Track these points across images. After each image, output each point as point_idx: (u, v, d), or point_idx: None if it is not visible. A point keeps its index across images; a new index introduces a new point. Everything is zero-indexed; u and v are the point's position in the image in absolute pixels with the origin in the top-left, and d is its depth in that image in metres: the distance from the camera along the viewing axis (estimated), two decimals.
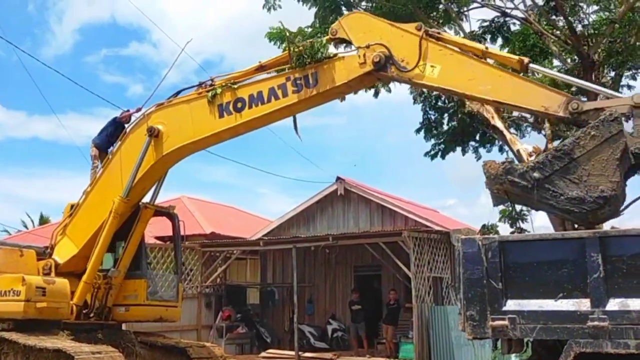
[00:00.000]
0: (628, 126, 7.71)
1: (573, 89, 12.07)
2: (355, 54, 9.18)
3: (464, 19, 14.67)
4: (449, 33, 9.99)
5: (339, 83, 9.33)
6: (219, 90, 10.09)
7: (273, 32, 14.35)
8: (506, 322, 7.37)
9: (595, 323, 6.93)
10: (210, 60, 65.96)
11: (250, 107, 9.90)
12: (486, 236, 7.83)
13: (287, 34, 10.65)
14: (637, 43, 12.96)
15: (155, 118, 10.78)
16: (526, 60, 8.71)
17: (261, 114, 9.88)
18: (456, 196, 68.21)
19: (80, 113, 63.57)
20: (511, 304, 7.43)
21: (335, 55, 9.40)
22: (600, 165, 7.39)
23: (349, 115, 68.46)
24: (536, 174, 7.55)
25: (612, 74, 13.52)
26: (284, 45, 12.09)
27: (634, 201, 11.97)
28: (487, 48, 9.35)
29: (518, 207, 13.15)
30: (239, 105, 9.99)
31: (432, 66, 8.63)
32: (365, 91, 16.02)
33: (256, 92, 9.88)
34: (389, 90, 16.06)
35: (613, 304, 6.93)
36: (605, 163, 7.38)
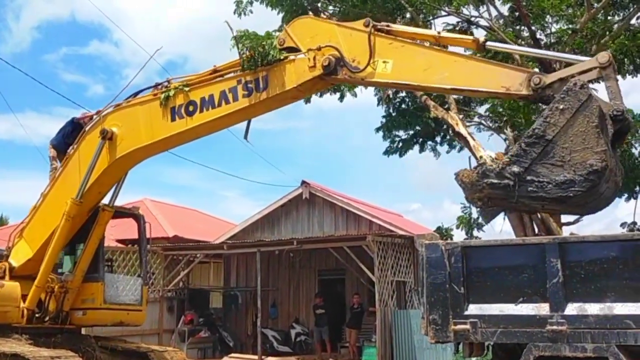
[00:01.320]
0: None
1: None
2: (305, 57, 8.82)
3: (430, 26, 14.84)
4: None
5: (289, 87, 8.94)
6: (171, 93, 9.71)
7: (240, 34, 14.25)
8: (468, 326, 7.49)
9: (554, 327, 7.09)
10: (174, 61, 65.30)
11: (201, 111, 9.53)
12: (449, 241, 7.95)
13: (234, 34, 10.25)
14: (599, 53, 13.28)
15: (110, 120, 10.44)
16: (482, 39, 8.30)
17: (212, 119, 9.50)
18: (420, 200, 68.91)
19: (38, 112, 62.27)
20: (473, 308, 7.55)
21: (286, 57, 8.97)
22: (580, 138, 6.79)
23: (314, 118, 68.55)
24: (515, 168, 6.99)
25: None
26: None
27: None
28: (439, 33, 9.10)
29: (475, 215, 13.35)
30: (191, 108, 9.61)
31: (384, 62, 8.22)
32: (331, 94, 16.08)
33: (208, 95, 9.50)
34: (355, 95, 16.14)
35: (571, 309, 7.10)
36: (584, 135, 6.79)
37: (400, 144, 16.17)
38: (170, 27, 61.49)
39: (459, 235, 13.90)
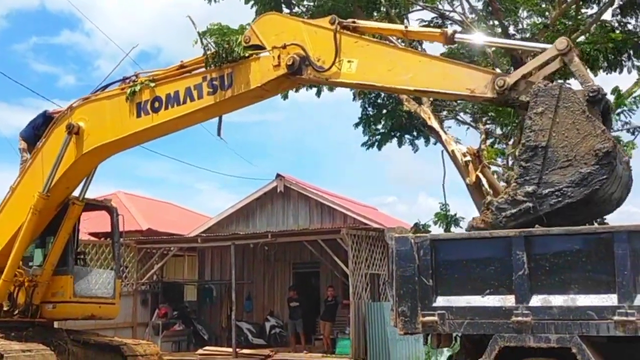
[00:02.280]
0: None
1: None
2: (270, 55, 8.59)
3: (405, 20, 14.93)
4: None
5: (254, 86, 8.71)
6: (137, 88, 9.50)
7: (213, 28, 14.21)
8: (436, 318, 7.61)
9: (519, 318, 7.23)
10: (148, 52, 64.45)
11: (166, 107, 9.31)
12: (418, 235, 8.05)
13: (196, 29, 9.73)
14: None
15: (78, 114, 10.25)
16: (450, 31, 8.18)
17: (177, 116, 9.28)
18: (395, 194, 69.27)
19: (9, 103, 61.03)
20: (441, 300, 7.67)
21: (251, 55, 8.73)
22: (574, 131, 6.79)
23: (290, 111, 68.48)
24: (527, 188, 6.96)
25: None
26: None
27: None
28: (407, 27, 9.04)
29: (453, 211, 13.52)
30: (156, 104, 9.39)
31: (349, 61, 8.05)
32: (307, 90, 16.09)
33: (173, 92, 9.27)
34: (331, 89, 16.17)
35: (536, 300, 7.25)
36: (576, 125, 6.79)
37: (379, 136, 16.27)
38: (144, 17, 60.80)
39: (437, 232, 14.00)
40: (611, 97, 12.26)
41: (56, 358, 10.07)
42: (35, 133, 11.28)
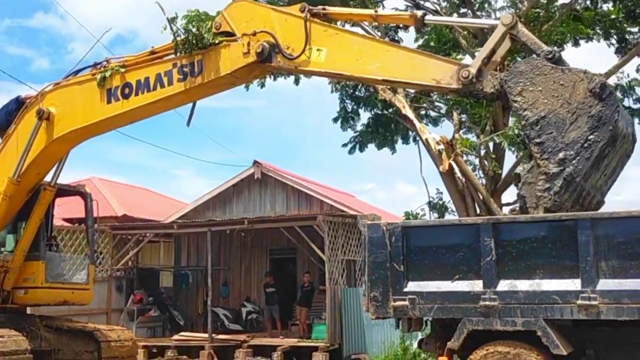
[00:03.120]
0: None
1: None
2: (240, 43, 8.55)
3: (380, 8, 14.94)
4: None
5: (224, 73, 8.65)
6: (108, 73, 9.39)
7: (191, 15, 14.04)
8: (407, 303, 7.77)
9: (487, 303, 7.42)
10: (123, 36, 63.55)
11: (136, 94, 9.22)
12: (390, 222, 8.20)
13: (165, 15, 9.46)
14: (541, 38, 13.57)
15: (49, 99, 10.12)
16: (419, 14, 8.22)
17: (147, 102, 9.21)
18: (374, 181, 69.54)
19: None
20: (412, 286, 7.83)
21: (222, 42, 8.67)
22: (560, 87, 6.92)
23: (268, 98, 68.20)
24: (556, 157, 6.91)
25: None
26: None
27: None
28: (376, 11, 9.06)
29: (447, 198, 13.62)
30: (127, 91, 9.30)
31: (318, 50, 8.07)
32: (285, 78, 16.05)
33: (143, 78, 9.18)
34: (307, 77, 16.15)
35: (503, 285, 7.45)
36: (559, 82, 6.95)
37: (360, 138, 16.16)
38: (119, 0, 59.92)
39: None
40: None
41: (29, 344, 10.05)
42: (7, 119, 11.15)
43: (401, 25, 14.41)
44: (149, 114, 9.75)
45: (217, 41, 8.60)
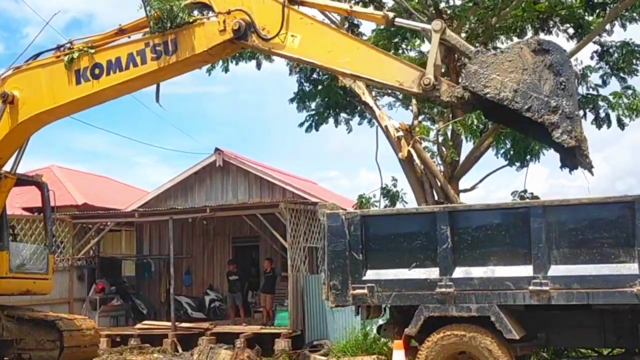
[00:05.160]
0: None
1: None
2: (215, 21, 8.80)
3: (353, 2, 14.90)
4: None
5: (199, 51, 8.88)
6: (75, 55, 9.42)
7: None
8: (365, 291, 7.97)
9: (443, 290, 7.67)
10: (79, 19, 62.12)
11: (108, 73, 9.32)
12: (349, 211, 8.35)
13: None
14: (497, 25, 13.73)
15: (11, 83, 10.03)
16: (391, 15, 8.60)
17: (119, 82, 9.32)
18: (337, 168, 69.75)
19: None
20: (370, 274, 8.03)
21: (195, 20, 8.91)
22: (509, 65, 7.45)
23: (229, 84, 67.40)
24: (551, 104, 7.25)
25: None
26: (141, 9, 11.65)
27: (486, 176, 12.97)
28: (351, 7, 9.31)
29: (400, 187, 13.80)
30: (97, 71, 9.37)
31: (292, 36, 8.40)
32: (246, 62, 16.00)
33: (114, 58, 9.28)
34: (271, 60, 16.08)
35: (459, 272, 7.70)
36: (504, 64, 7.47)
37: (316, 117, 16.28)
38: None
39: (381, 205, 14.19)
40: None
41: None
42: None
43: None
44: (120, 93, 9.84)
45: (191, 20, 8.81)
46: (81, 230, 17.37)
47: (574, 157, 7.41)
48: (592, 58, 14.00)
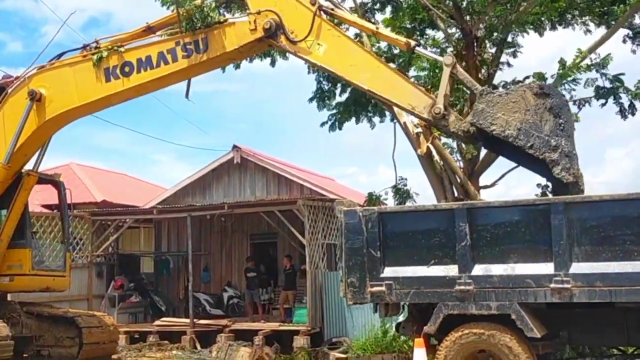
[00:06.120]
0: None
1: None
2: (246, 20, 9.30)
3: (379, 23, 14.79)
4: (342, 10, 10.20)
5: (230, 49, 9.36)
6: (105, 54, 9.86)
7: None
8: (383, 288, 7.89)
9: (462, 287, 7.56)
10: (97, 18, 62.53)
11: (138, 71, 9.77)
12: (366, 208, 8.27)
13: None
14: (517, 20, 13.54)
15: (37, 81, 10.41)
16: (413, 43, 9.13)
17: (150, 79, 9.78)
18: (356, 164, 69.48)
19: None
20: (388, 271, 7.95)
21: (226, 20, 9.42)
22: (513, 106, 8.08)
23: (246, 81, 67.40)
24: (552, 144, 7.90)
25: (493, 50, 14.16)
26: (172, 8, 11.84)
27: (507, 172, 12.78)
28: (377, 28, 9.70)
29: (408, 186, 13.71)
30: (127, 69, 9.82)
31: (319, 44, 8.86)
32: (261, 60, 15.96)
33: (144, 56, 9.75)
34: (286, 58, 16.02)
35: (478, 270, 7.58)
36: (507, 105, 8.08)
37: (338, 115, 16.15)
38: None
39: (391, 204, 14.06)
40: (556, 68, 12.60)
41: (9, 330, 10.07)
42: None
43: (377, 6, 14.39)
44: (149, 90, 10.24)
45: (222, 20, 9.36)
46: (100, 227, 17.47)
47: (568, 190, 7.93)
48: (624, 42, 13.70)
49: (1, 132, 10.54)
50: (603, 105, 12.99)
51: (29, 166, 11.24)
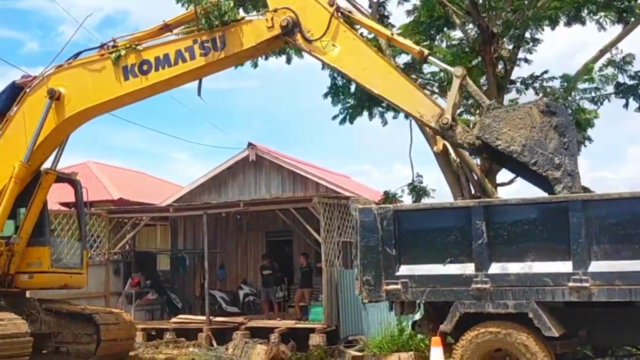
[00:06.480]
0: None
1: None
2: (263, 18, 9.41)
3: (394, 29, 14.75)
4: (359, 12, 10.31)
5: (247, 46, 9.48)
6: (122, 52, 10.00)
7: None
8: (399, 286, 7.86)
9: (479, 285, 7.51)
10: (113, 17, 62.87)
11: (156, 69, 9.90)
12: (382, 206, 8.24)
13: None
14: (534, 16, 13.41)
15: (55, 80, 10.52)
16: (426, 52, 9.24)
17: (168, 77, 9.90)
18: (371, 162, 69.36)
19: None
20: (404, 269, 7.91)
21: (243, 18, 9.56)
22: (519, 121, 8.19)
23: (260, 79, 67.41)
24: (555, 162, 8.00)
25: (511, 46, 14.04)
26: (190, 7, 11.88)
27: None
28: (392, 34, 9.76)
29: (425, 183, 13.67)
30: (145, 67, 9.95)
31: (334, 45, 8.96)
32: (276, 57, 15.95)
33: (162, 55, 9.88)
34: (301, 56, 16.00)
35: (495, 268, 7.52)
36: (514, 121, 8.20)
37: (350, 110, 16.12)
38: None
39: (407, 201, 14.05)
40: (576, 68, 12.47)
41: (28, 327, 10.15)
42: (6, 104, 11.25)
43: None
44: (167, 88, 10.41)
45: (239, 18, 9.48)
46: (117, 224, 17.58)
47: None
48: None
49: (21, 131, 10.65)
50: (625, 106, 12.89)
51: (46, 164, 11.34)
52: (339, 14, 9.19)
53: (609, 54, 13.15)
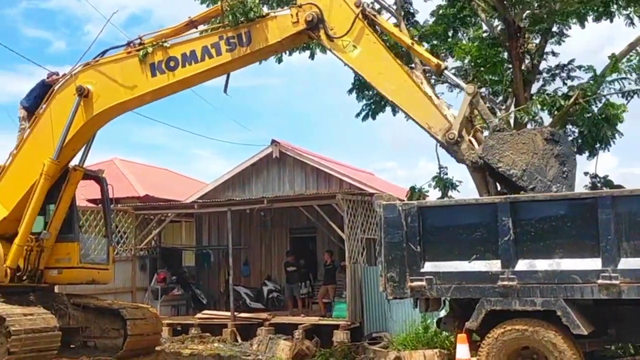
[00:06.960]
0: None
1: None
2: (288, 14, 9.57)
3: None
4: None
5: (273, 42, 9.63)
6: (150, 49, 10.15)
7: None
8: (424, 283, 7.80)
9: (505, 282, 7.42)
10: (138, 15, 63.51)
11: (183, 65, 10.06)
12: (406, 202, 8.20)
13: None
14: (561, 11, 13.23)
15: (83, 78, 10.70)
16: (443, 65, 9.48)
17: (195, 73, 10.06)
18: (395, 159, 69.10)
19: (2, 69, 60.36)
20: (428, 266, 7.85)
21: (267, 14, 9.70)
22: (523, 146, 8.25)
23: (284, 76, 67.52)
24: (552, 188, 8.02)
25: (537, 40, 13.86)
26: (212, 4, 11.97)
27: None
28: (413, 44, 9.84)
29: (451, 175, 13.57)
30: (172, 64, 10.11)
31: (354, 46, 9.11)
32: (300, 53, 15.93)
33: (189, 51, 10.04)
34: (324, 51, 15.95)
35: (522, 265, 7.42)
36: (517, 145, 8.29)
37: (372, 106, 16.04)
38: None
39: (434, 195, 13.98)
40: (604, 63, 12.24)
41: (57, 322, 10.32)
42: (36, 102, 11.44)
43: None
44: (194, 83, 10.60)
45: (264, 14, 9.65)
46: (143, 221, 17.75)
47: None
48: None
49: (49, 129, 10.84)
50: None
51: (74, 161, 11.48)
52: (364, 16, 9.28)
53: (639, 48, 12.90)
